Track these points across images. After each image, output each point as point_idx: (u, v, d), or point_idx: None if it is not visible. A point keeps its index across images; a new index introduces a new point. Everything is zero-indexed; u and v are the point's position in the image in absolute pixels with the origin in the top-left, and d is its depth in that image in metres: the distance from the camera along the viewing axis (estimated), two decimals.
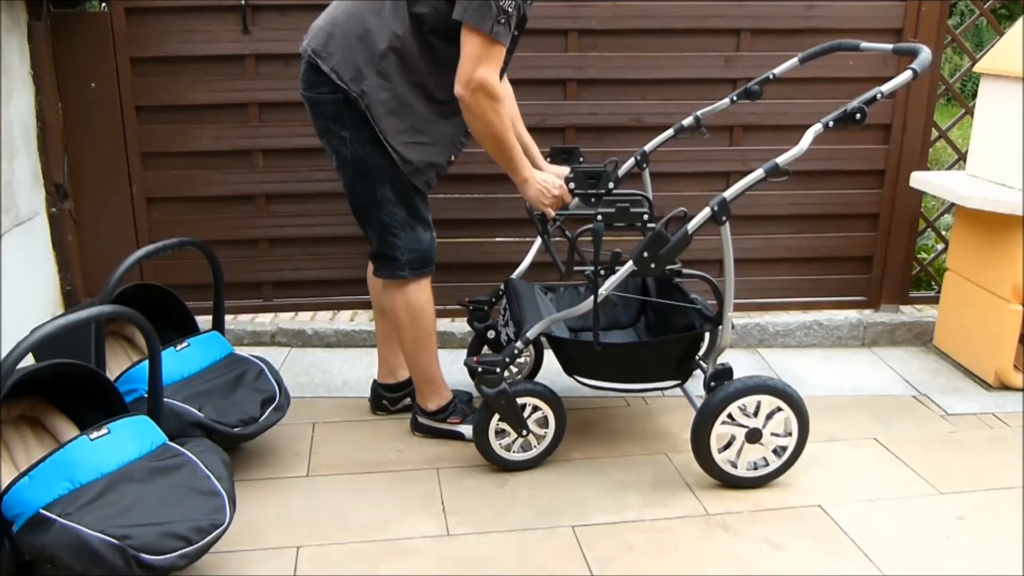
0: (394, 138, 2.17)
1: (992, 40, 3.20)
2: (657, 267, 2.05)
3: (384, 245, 2.28)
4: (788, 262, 3.30)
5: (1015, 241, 2.72)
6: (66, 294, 3.05)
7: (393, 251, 2.27)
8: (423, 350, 2.39)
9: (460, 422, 2.47)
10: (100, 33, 2.90)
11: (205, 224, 3.10)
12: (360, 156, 2.20)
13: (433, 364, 2.43)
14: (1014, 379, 2.82)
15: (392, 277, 2.30)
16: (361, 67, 2.13)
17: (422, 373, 2.43)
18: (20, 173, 2.78)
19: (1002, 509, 2.20)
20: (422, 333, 2.37)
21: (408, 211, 2.26)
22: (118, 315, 1.87)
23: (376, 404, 2.66)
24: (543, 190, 2.25)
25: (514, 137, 2.18)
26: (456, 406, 2.49)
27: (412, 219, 2.27)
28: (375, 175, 2.21)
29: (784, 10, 3.04)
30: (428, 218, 2.32)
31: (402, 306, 2.33)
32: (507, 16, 2.02)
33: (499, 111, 2.09)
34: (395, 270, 2.29)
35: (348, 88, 2.13)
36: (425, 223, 2.31)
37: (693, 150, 3.12)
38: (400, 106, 2.16)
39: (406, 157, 2.19)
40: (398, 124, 2.17)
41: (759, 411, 2.20)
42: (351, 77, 2.13)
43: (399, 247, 2.27)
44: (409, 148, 2.19)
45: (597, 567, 1.96)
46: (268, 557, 1.98)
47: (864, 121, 2.02)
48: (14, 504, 1.72)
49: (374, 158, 2.19)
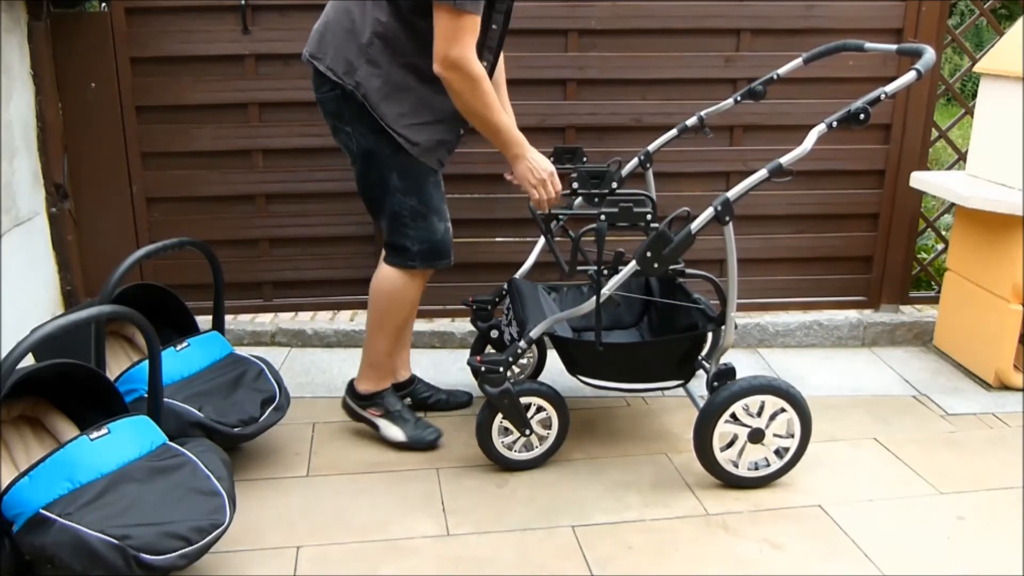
0: (396, 123, 2.15)
1: (992, 40, 3.20)
2: (660, 267, 2.05)
3: (395, 235, 2.26)
4: (788, 262, 3.30)
5: (1015, 241, 2.73)
6: (66, 294, 3.04)
7: (404, 241, 2.25)
8: (386, 336, 2.36)
9: (380, 415, 2.43)
10: (100, 33, 2.90)
11: (205, 224, 3.10)
12: (365, 148, 2.19)
13: (387, 353, 2.40)
14: (1014, 379, 2.82)
15: (403, 267, 2.28)
16: (352, 60, 2.13)
17: (373, 355, 2.40)
18: (20, 173, 2.78)
19: (1002, 509, 2.20)
20: (390, 322, 2.35)
21: (420, 200, 2.22)
22: (118, 315, 1.87)
23: None
24: (532, 168, 2.20)
25: (501, 113, 2.13)
26: (383, 399, 2.43)
27: (424, 208, 2.23)
28: (382, 164, 2.20)
29: (784, 10, 3.04)
30: (442, 208, 2.28)
31: (388, 291, 2.31)
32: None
33: (478, 88, 2.04)
34: (406, 260, 2.27)
35: (343, 82, 2.14)
36: (439, 213, 2.27)
37: (693, 150, 3.12)
38: (394, 90, 2.14)
39: (412, 139, 2.16)
40: (397, 108, 2.15)
41: (763, 411, 2.20)
42: (344, 71, 2.14)
43: (411, 237, 2.24)
44: (413, 130, 2.17)
45: (597, 567, 1.95)
46: (268, 557, 1.98)
47: (868, 121, 2.02)
48: (14, 504, 1.72)
49: (379, 147, 2.18)
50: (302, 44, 2.97)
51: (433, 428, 2.45)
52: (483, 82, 2.05)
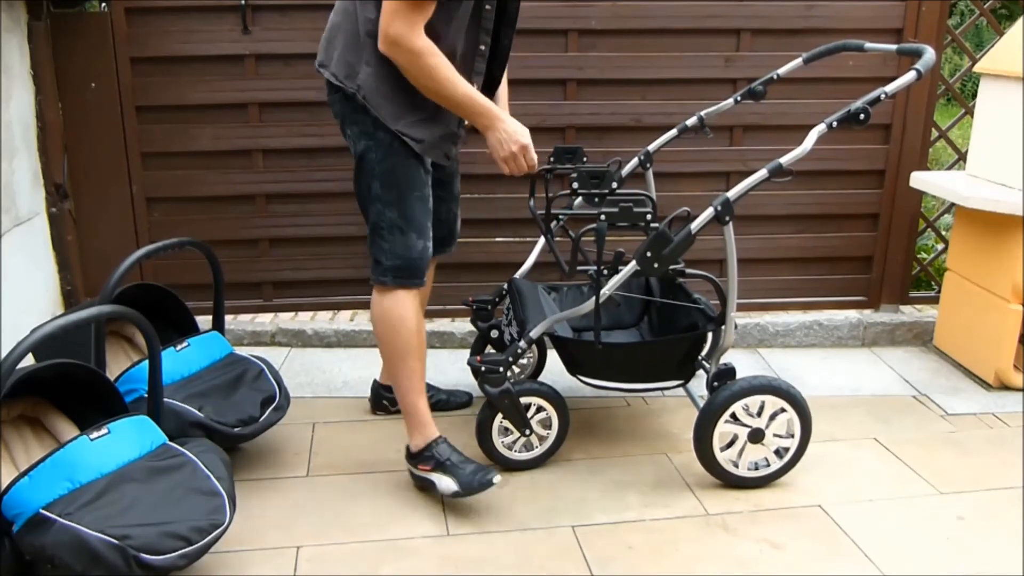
0: (396, 122, 2.08)
1: (992, 40, 3.20)
2: (660, 267, 2.05)
3: (372, 245, 2.17)
4: (788, 262, 3.30)
5: (1015, 241, 2.73)
6: (66, 294, 3.04)
7: (379, 254, 2.15)
8: (398, 373, 2.19)
9: (430, 469, 2.16)
10: (100, 33, 2.90)
11: (205, 224, 3.10)
12: (358, 151, 2.15)
13: (411, 393, 2.18)
14: (1014, 379, 2.82)
15: (375, 281, 2.18)
16: (352, 62, 2.09)
17: (401, 401, 2.21)
18: (20, 173, 2.78)
19: (1002, 509, 2.20)
20: (397, 352, 2.17)
21: (400, 213, 2.12)
22: (118, 315, 1.87)
23: (376, 404, 2.65)
24: (502, 140, 2.06)
25: (457, 84, 2.00)
26: (432, 450, 2.17)
27: (403, 222, 2.12)
28: (369, 170, 2.13)
29: (784, 10, 3.05)
30: (424, 225, 2.15)
31: (377, 316, 2.18)
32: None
33: (421, 61, 1.95)
34: (378, 275, 2.16)
35: (345, 86, 2.11)
36: (419, 230, 2.14)
37: (693, 150, 3.12)
38: (391, 88, 2.06)
39: (415, 136, 2.10)
40: (395, 107, 2.08)
41: (763, 411, 2.20)
42: (346, 75, 2.10)
43: (384, 250, 2.14)
44: (414, 127, 2.10)
45: (597, 567, 1.95)
46: (268, 557, 1.98)
47: (868, 121, 2.02)
48: (14, 504, 1.72)
49: (368, 152, 2.12)
50: (302, 44, 2.99)
51: (488, 469, 2.15)
52: (427, 55, 1.95)
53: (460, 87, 2.01)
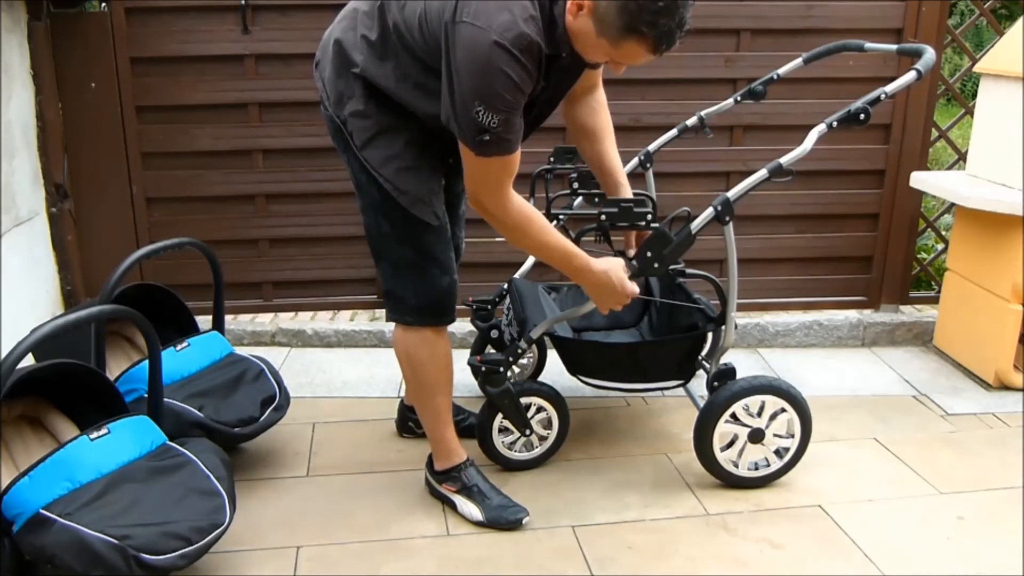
0: (383, 167, 1.89)
1: (992, 40, 3.20)
2: (660, 267, 2.05)
3: (392, 283, 2.01)
4: (788, 262, 3.30)
5: (1015, 241, 2.72)
6: (66, 294, 3.04)
7: (402, 291, 1.99)
8: (425, 408, 2.13)
9: (455, 491, 2.14)
10: (100, 33, 2.90)
11: (205, 224, 3.10)
12: (359, 182, 1.96)
13: (438, 425, 2.13)
14: (1014, 379, 2.82)
15: (398, 321, 2.04)
16: (342, 91, 1.89)
17: (428, 430, 2.16)
18: (20, 173, 2.78)
19: (1002, 509, 2.20)
20: (423, 389, 2.10)
21: (416, 251, 1.95)
22: (118, 315, 1.87)
23: (403, 427, 2.52)
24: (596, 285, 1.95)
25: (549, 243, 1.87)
26: (459, 472, 2.14)
27: (422, 260, 1.96)
28: (376, 207, 1.94)
29: (784, 10, 3.05)
30: (446, 259, 1.98)
31: (402, 355, 2.07)
32: (492, 131, 1.67)
33: (517, 232, 1.83)
34: (402, 314, 2.01)
35: (332, 113, 1.93)
36: (441, 266, 1.98)
37: (693, 150, 3.11)
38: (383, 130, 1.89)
39: (400, 187, 1.89)
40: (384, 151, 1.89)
41: (763, 411, 2.20)
42: (335, 101, 1.91)
43: (408, 288, 1.98)
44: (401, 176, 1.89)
45: (597, 567, 1.95)
46: (268, 557, 1.98)
47: (868, 121, 2.02)
48: (14, 504, 1.72)
49: (369, 187, 1.93)
50: (302, 44, 2.99)
51: (518, 507, 2.11)
52: (524, 225, 1.82)
53: (551, 243, 1.88)
